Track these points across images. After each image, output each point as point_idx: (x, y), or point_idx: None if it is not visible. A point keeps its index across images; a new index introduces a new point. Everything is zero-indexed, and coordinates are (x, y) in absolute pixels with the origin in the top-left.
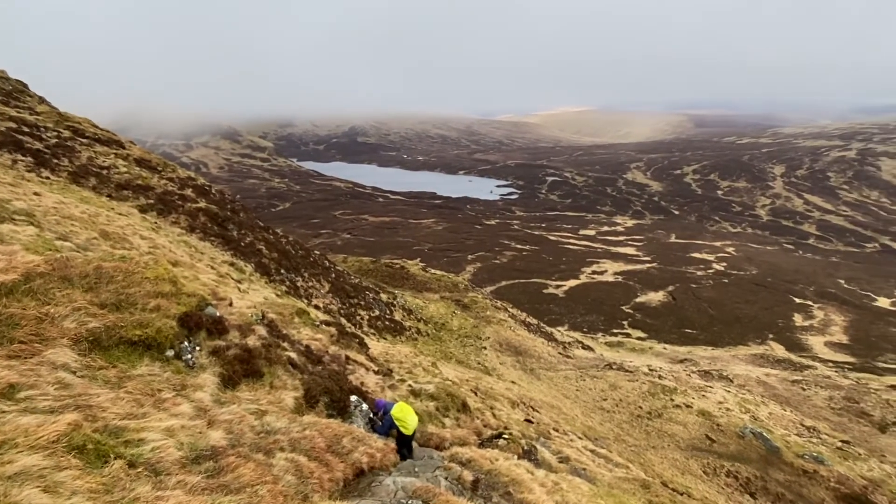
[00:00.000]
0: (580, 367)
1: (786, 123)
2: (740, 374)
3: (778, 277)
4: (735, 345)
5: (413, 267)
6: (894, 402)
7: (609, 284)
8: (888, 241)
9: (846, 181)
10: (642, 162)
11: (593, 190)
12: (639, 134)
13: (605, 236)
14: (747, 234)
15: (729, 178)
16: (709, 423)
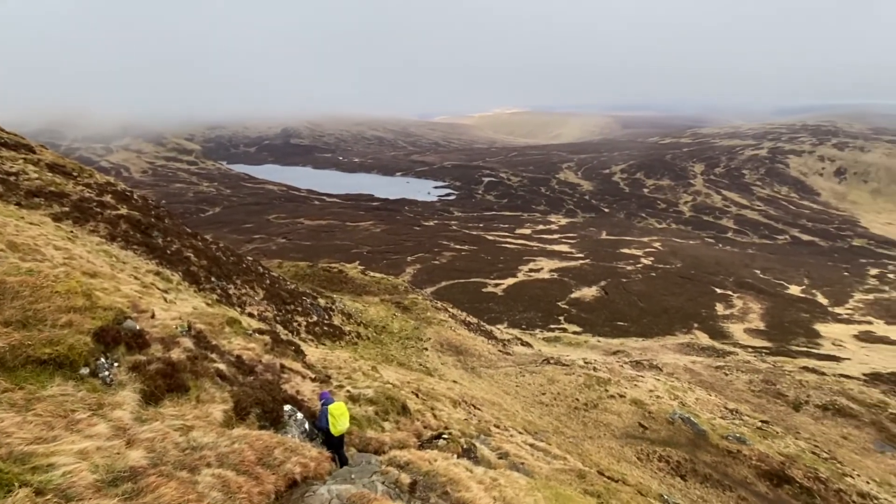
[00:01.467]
0: (519, 364)
1: (706, 124)
2: (669, 362)
3: (701, 270)
4: (663, 335)
5: (352, 270)
6: (806, 383)
7: (545, 281)
8: (797, 233)
9: (759, 178)
10: (573, 162)
11: (528, 190)
12: (569, 135)
13: (540, 235)
14: (672, 230)
15: (654, 176)
16: (641, 411)
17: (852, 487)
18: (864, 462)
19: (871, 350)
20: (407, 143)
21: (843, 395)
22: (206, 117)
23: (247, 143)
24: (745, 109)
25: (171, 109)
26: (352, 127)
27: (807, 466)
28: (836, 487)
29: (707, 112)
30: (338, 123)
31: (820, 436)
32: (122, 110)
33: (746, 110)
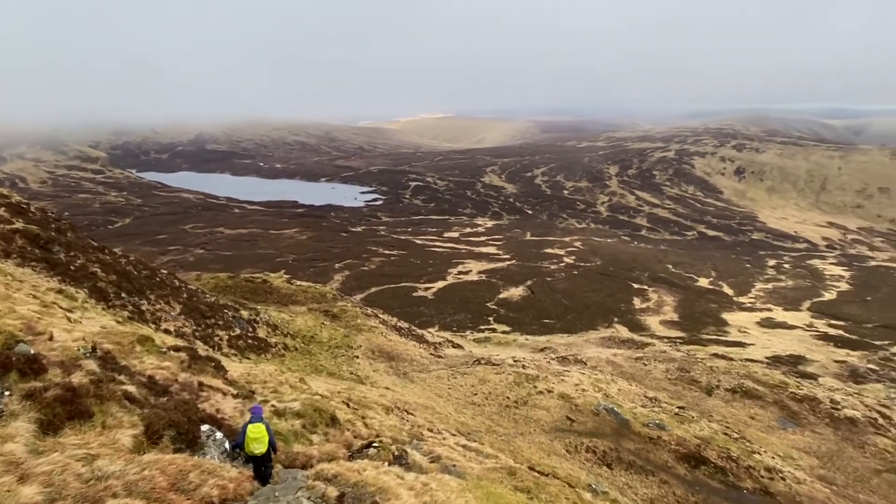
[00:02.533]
0: (451, 366)
1: (619, 128)
2: (592, 356)
3: (618, 266)
4: (587, 330)
5: (276, 280)
6: (716, 369)
7: (474, 283)
8: (704, 230)
9: (668, 178)
10: (497, 166)
11: (454, 193)
12: (492, 140)
13: (467, 237)
14: (591, 229)
15: (573, 178)
16: (568, 405)
17: (760, 463)
18: (769, 439)
19: (772, 335)
20: (331, 148)
21: (749, 378)
22: (112, 123)
23: (158, 150)
24: (655, 113)
25: (73, 114)
26: (272, 132)
27: (720, 447)
28: (746, 465)
29: (620, 116)
30: (257, 128)
31: (730, 417)
32: (14, 115)
33: (656, 114)
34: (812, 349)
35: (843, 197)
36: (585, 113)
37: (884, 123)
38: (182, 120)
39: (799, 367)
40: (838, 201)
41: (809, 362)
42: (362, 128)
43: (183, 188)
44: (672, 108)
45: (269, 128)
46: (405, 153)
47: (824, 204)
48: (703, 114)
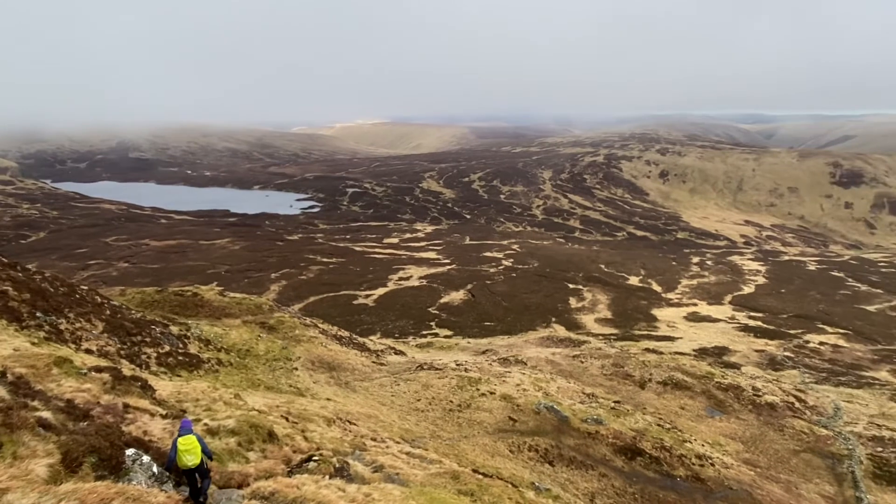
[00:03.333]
0: (394, 373)
1: (551, 134)
2: (532, 356)
3: (555, 267)
4: (526, 331)
5: (208, 292)
6: (648, 363)
7: (415, 289)
8: (633, 230)
9: (598, 182)
10: (435, 171)
11: (393, 199)
12: (429, 145)
13: (407, 243)
14: (528, 232)
15: (509, 183)
16: (510, 406)
17: (691, 451)
18: (699, 427)
19: (698, 328)
20: (263, 155)
21: (678, 370)
22: (23, 130)
23: (75, 159)
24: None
25: None
26: (200, 138)
27: (654, 438)
28: (679, 453)
29: (553, 123)
30: (184, 134)
31: (663, 409)
32: None
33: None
34: (734, 340)
35: (757, 196)
36: (519, 120)
37: (791, 128)
38: (101, 127)
39: (723, 358)
40: (753, 200)
41: (732, 353)
42: (297, 134)
43: (104, 199)
44: (601, 115)
45: (197, 134)
46: (342, 159)
47: (741, 203)
48: (629, 120)
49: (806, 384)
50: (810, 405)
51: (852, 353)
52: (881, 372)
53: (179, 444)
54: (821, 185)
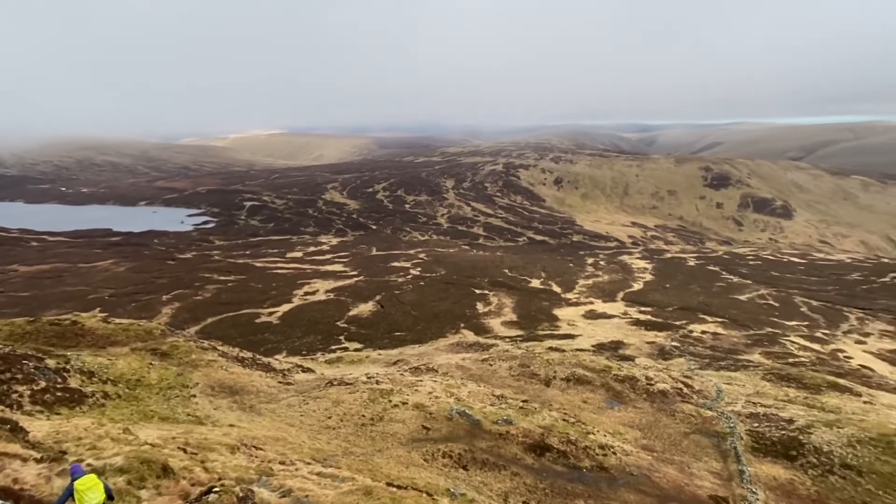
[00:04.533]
0: (302, 392)
1: (452, 144)
2: (443, 363)
3: (461, 274)
4: (436, 338)
5: (90, 320)
6: (552, 361)
7: (322, 303)
8: (532, 235)
9: (499, 190)
10: (338, 182)
11: (295, 212)
12: (330, 156)
13: (312, 257)
14: (434, 241)
15: (413, 192)
16: (423, 414)
17: (595, 442)
18: (600, 419)
19: (595, 325)
20: (149, 169)
21: (579, 366)
22: None
23: None
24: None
25: None
26: (76, 152)
27: (561, 433)
28: (584, 445)
29: (452, 134)
30: (57, 149)
31: (567, 404)
32: None
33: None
34: (628, 334)
35: (641, 200)
36: (424, 130)
37: (669, 136)
38: None
39: (619, 352)
40: (638, 203)
41: (627, 346)
42: (186, 146)
43: None
44: (499, 126)
45: (71, 148)
46: (237, 171)
47: (628, 206)
48: (525, 130)
49: (692, 370)
50: (696, 390)
51: (729, 339)
52: (754, 355)
53: (78, 485)
54: (695, 187)
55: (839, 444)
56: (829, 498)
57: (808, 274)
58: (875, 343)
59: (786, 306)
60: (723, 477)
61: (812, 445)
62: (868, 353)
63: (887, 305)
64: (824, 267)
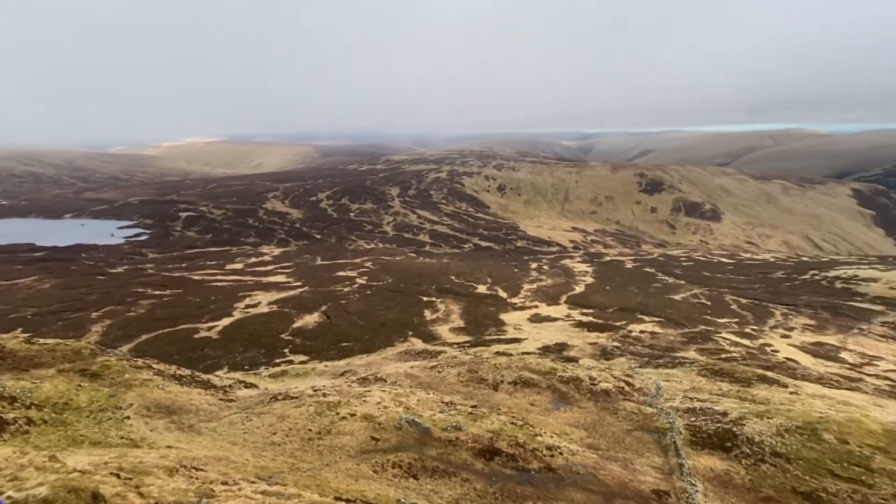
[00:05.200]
0: (245, 408)
1: (396, 152)
2: (391, 372)
3: (408, 282)
4: (384, 347)
5: (10, 341)
6: (500, 365)
7: (265, 315)
8: (478, 241)
9: (444, 197)
10: (279, 191)
11: (234, 222)
12: (271, 164)
13: (254, 268)
14: (380, 249)
15: (358, 201)
16: (372, 425)
17: (542, 444)
18: (547, 420)
19: (541, 328)
20: (75, 179)
21: (526, 369)
22: None
23: None
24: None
25: None
26: None
27: (509, 436)
28: (532, 447)
29: (396, 141)
30: None
31: (515, 407)
32: None
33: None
34: (572, 336)
35: (581, 205)
36: (364, 138)
37: (605, 143)
38: None
39: (563, 353)
40: (578, 209)
41: (571, 347)
42: (116, 155)
43: None
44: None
45: None
46: (172, 181)
47: (568, 212)
48: (469, 138)
49: (632, 369)
50: (637, 387)
51: (666, 337)
52: (690, 351)
53: None
54: (631, 193)
55: (769, 433)
56: (762, 485)
57: (736, 273)
58: (799, 336)
59: (717, 304)
60: (664, 471)
61: (745, 436)
62: (792, 346)
63: (808, 301)
64: (751, 266)
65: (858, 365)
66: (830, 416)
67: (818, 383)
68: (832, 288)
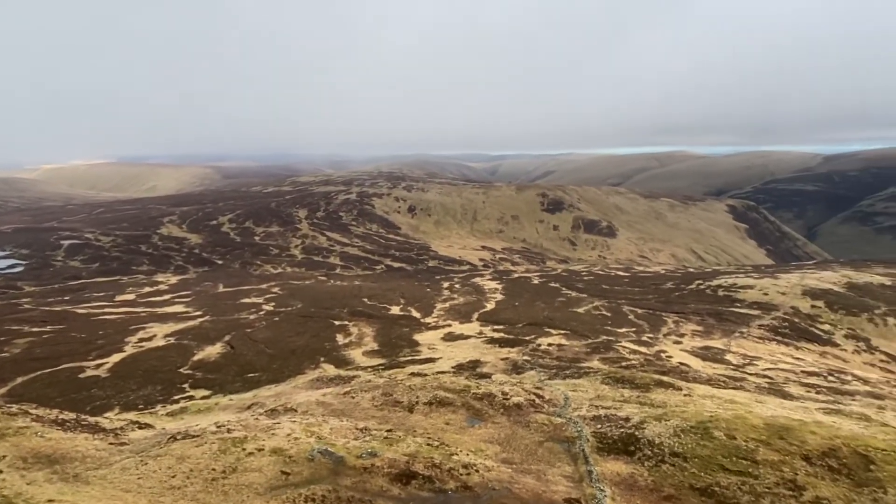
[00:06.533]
0: (139, 451)
1: (302, 173)
2: (303, 401)
3: (319, 306)
4: (295, 375)
5: None
6: (415, 386)
7: (161, 349)
8: (390, 262)
9: (354, 218)
10: (176, 215)
11: (125, 250)
12: (166, 187)
13: (147, 298)
14: (288, 273)
15: (263, 224)
16: (282, 459)
17: (458, 462)
18: (462, 438)
19: (454, 347)
20: None
21: (441, 388)
22: None
23: None
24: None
25: None
26: None
27: (425, 458)
28: (448, 467)
29: (303, 163)
30: None
31: (430, 428)
32: None
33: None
34: (484, 353)
35: (489, 225)
36: (268, 159)
37: (510, 165)
38: None
39: (477, 370)
40: (486, 228)
41: (483, 364)
42: None
43: None
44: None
45: None
46: (52, 207)
47: (477, 231)
48: (377, 159)
49: (542, 382)
50: (547, 399)
51: (572, 349)
52: (594, 361)
53: None
54: (535, 212)
55: (667, 435)
56: (663, 485)
57: (632, 285)
58: (689, 342)
59: (616, 315)
60: (574, 479)
61: (646, 439)
62: (684, 351)
63: (696, 308)
64: (645, 278)
65: (741, 365)
66: (719, 414)
67: (708, 384)
68: (716, 296)
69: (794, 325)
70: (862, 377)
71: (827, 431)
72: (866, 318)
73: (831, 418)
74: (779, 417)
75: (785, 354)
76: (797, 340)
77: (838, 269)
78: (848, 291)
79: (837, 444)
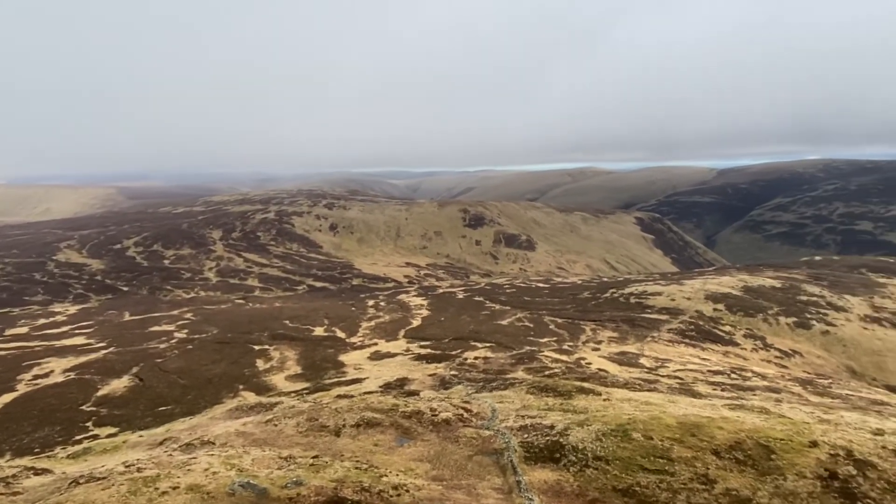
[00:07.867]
0: (36, 500)
1: (216, 192)
2: (221, 433)
3: (237, 331)
4: (212, 405)
5: None
6: (341, 409)
7: (60, 386)
8: (312, 282)
9: (272, 238)
10: (74, 240)
11: (17, 279)
12: (63, 209)
13: (43, 330)
14: (202, 298)
15: (173, 246)
16: (199, 496)
17: (388, 484)
18: (392, 459)
19: (381, 366)
20: None
21: (368, 409)
22: None
23: None
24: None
25: None
26: None
27: (354, 482)
28: (378, 490)
29: (217, 182)
30: None
31: (359, 451)
32: None
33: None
34: (412, 370)
35: (412, 241)
36: (177, 178)
37: (431, 182)
38: None
39: (405, 388)
40: (410, 245)
41: (411, 381)
42: None
43: None
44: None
45: None
46: None
47: (401, 248)
48: (302, 177)
49: (470, 395)
50: (475, 413)
51: (497, 361)
52: (518, 372)
53: None
54: (457, 227)
55: (590, 439)
56: (588, 488)
57: (552, 296)
58: (606, 348)
59: (538, 326)
60: (504, 491)
61: (571, 445)
62: (602, 357)
63: (611, 316)
64: (563, 289)
65: (654, 368)
66: (637, 416)
67: (625, 388)
68: (628, 303)
69: (699, 328)
70: (760, 373)
71: (732, 426)
72: (761, 319)
73: (736, 413)
74: (690, 416)
75: (693, 356)
76: (703, 342)
77: (735, 274)
78: (744, 294)
79: (742, 438)
